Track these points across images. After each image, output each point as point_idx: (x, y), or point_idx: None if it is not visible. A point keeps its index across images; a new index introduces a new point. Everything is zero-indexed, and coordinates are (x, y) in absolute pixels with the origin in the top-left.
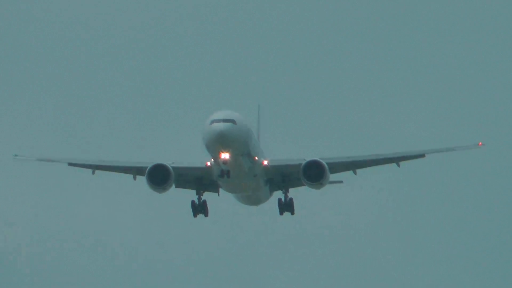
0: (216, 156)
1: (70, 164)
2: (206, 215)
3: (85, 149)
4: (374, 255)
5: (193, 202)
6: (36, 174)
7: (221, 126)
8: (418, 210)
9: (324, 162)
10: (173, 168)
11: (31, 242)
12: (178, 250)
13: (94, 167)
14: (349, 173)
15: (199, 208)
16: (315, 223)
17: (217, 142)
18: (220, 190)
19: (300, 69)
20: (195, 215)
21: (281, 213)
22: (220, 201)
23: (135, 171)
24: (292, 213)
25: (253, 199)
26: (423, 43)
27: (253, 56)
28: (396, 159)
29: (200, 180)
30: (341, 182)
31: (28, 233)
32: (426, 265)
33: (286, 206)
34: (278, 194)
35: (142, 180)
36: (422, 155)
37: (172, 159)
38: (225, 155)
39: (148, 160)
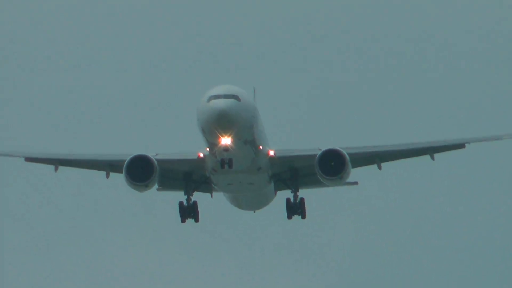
0: (214, 142)
1: (28, 159)
2: (196, 220)
3: (50, 142)
4: (402, 270)
5: (181, 203)
6: None
7: (222, 103)
8: (458, 214)
9: (344, 152)
10: (158, 160)
11: None
12: (162, 261)
13: (57, 162)
14: (370, 169)
15: (188, 211)
16: (331, 230)
17: (217, 123)
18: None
19: (305, 45)
20: (183, 220)
21: (289, 217)
22: (213, 203)
23: (108, 166)
24: (303, 216)
25: (253, 201)
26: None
27: (248, 33)
28: (431, 150)
29: (190, 177)
30: (356, 183)
31: None
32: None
33: (296, 208)
34: (282, 195)
35: (116, 177)
36: (461, 145)
37: (154, 151)
38: (226, 140)
39: (124, 152)
